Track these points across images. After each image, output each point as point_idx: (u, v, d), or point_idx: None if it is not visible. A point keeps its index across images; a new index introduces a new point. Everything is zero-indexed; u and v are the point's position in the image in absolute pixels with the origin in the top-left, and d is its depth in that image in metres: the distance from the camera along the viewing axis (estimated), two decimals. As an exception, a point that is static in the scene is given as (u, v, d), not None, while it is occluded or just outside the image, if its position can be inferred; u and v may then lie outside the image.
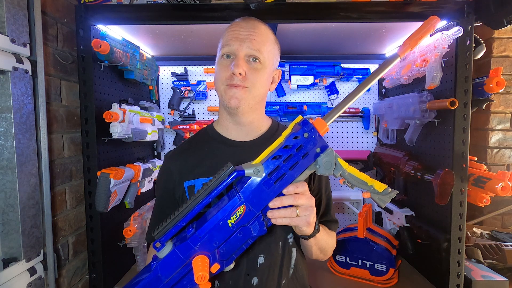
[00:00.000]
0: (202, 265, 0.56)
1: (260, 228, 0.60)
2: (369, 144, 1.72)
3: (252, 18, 0.78)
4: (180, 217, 0.58)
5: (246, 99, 0.73)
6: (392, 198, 0.60)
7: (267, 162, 0.59)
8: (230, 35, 0.74)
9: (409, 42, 0.65)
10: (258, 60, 0.73)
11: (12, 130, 0.87)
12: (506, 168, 1.43)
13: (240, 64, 0.71)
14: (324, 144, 0.60)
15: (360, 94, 0.63)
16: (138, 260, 1.30)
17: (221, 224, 0.58)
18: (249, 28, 0.74)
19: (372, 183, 0.60)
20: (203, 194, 0.57)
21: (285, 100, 1.70)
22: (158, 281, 0.59)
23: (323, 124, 0.61)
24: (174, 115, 1.69)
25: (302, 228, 0.65)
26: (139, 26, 1.14)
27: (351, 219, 1.75)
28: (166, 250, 0.59)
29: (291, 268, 0.77)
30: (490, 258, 1.25)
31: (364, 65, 1.65)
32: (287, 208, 0.60)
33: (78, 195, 1.18)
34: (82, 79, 1.04)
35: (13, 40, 0.86)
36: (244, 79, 0.72)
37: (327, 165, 0.59)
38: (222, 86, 0.74)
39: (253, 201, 0.58)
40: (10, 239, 0.89)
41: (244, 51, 0.72)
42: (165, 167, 0.82)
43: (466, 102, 1.02)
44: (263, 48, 0.74)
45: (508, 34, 1.46)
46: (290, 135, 0.60)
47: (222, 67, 0.75)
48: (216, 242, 0.59)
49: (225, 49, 0.74)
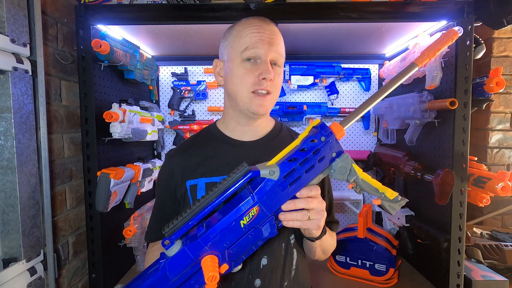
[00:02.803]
0: (212, 266, 0.54)
1: (272, 230, 0.59)
2: (369, 144, 1.72)
3: (266, 18, 0.77)
4: (191, 215, 0.56)
5: (271, 104, 0.75)
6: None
7: (283, 164, 0.58)
8: (255, 37, 0.71)
9: (428, 53, 0.64)
10: (277, 64, 0.74)
11: (12, 130, 0.87)
12: (506, 168, 1.43)
13: (271, 69, 0.71)
14: (340, 149, 0.60)
15: (376, 101, 0.62)
16: (138, 260, 1.30)
17: (233, 224, 0.57)
18: (272, 32, 0.73)
19: (384, 190, 0.59)
20: (216, 193, 0.56)
21: (285, 100, 1.70)
22: (165, 280, 0.58)
23: (340, 128, 0.60)
24: (174, 115, 1.69)
25: (312, 231, 0.65)
26: (139, 26, 1.14)
27: (351, 219, 1.75)
28: (176, 248, 0.57)
29: (293, 270, 0.77)
30: (490, 258, 1.25)
31: (364, 65, 1.65)
32: (299, 211, 0.60)
33: (78, 195, 1.18)
34: (82, 79, 1.04)
35: (13, 40, 0.86)
36: (271, 84, 0.72)
37: (342, 170, 0.59)
38: (247, 92, 0.72)
39: (266, 202, 0.58)
40: (10, 239, 0.89)
41: (271, 56, 0.71)
42: (167, 166, 0.81)
43: (466, 102, 1.02)
44: (282, 52, 0.75)
45: (508, 34, 1.46)
46: (307, 138, 0.59)
47: (246, 71, 0.72)
48: (227, 242, 0.58)
49: (251, 52, 0.71)
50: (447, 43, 0.66)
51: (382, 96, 0.63)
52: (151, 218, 0.84)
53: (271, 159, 0.60)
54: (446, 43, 0.66)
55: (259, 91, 0.71)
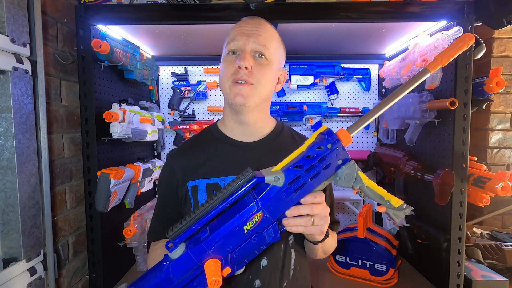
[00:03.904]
0: (215, 270, 0.55)
1: (275, 236, 0.59)
2: (369, 144, 1.72)
3: (258, 16, 0.78)
4: (195, 219, 0.57)
5: (251, 96, 0.72)
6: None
7: (288, 171, 0.57)
8: (236, 31, 0.74)
9: (441, 58, 0.63)
10: (264, 56, 0.73)
11: (12, 130, 0.87)
12: (506, 168, 1.43)
13: (247, 58, 0.70)
14: (347, 156, 0.59)
15: (386, 107, 0.61)
16: (138, 260, 1.30)
17: (237, 229, 0.57)
18: (255, 25, 0.74)
19: (389, 198, 0.59)
20: (221, 198, 0.56)
21: (285, 100, 1.70)
22: (169, 282, 0.58)
23: (347, 135, 0.59)
24: (174, 115, 1.69)
25: (315, 237, 0.65)
26: (139, 26, 1.14)
27: (351, 219, 1.75)
28: (179, 251, 0.58)
29: (291, 270, 0.77)
30: (490, 258, 1.25)
31: (364, 65, 1.65)
32: (302, 217, 0.60)
33: (78, 195, 1.18)
34: (82, 79, 1.04)
35: (13, 40, 0.86)
36: (250, 74, 0.71)
37: (347, 178, 0.58)
38: (228, 83, 0.73)
39: (270, 208, 0.58)
40: (10, 239, 0.89)
41: (250, 46, 0.72)
42: (168, 166, 0.81)
43: (466, 102, 1.02)
44: (269, 44, 0.73)
45: (508, 34, 1.46)
46: (313, 145, 0.58)
47: (227, 63, 0.73)
48: (230, 247, 0.58)
49: (231, 45, 0.73)
50: (461, 48, 0.63)
51: (391, 103, 0.61)
52: (153, 217, 0.84)
53: (274, 163, 0.60)
54: (460, 49, 0.63)
55: (238, 81, 0.72)
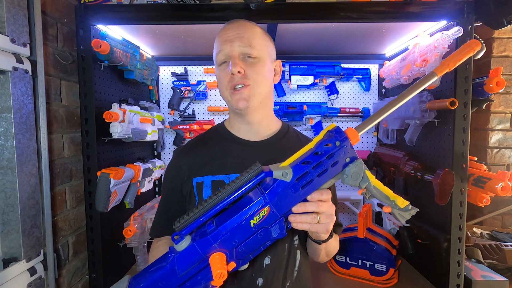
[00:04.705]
0: (220, 263, 0.55)
1: (281, 231, 0.60)
2: (369, 144, 1.72)
3: (237, 19, 0.80)
4: (202, 212, 0.57)
5: (252, 96, 0.74)
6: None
7: (296, 167, 0.58)
8: (220, 41, 0.76)
9: (448, 63, 0.64)
10: (251, 56, 0.75)
11: (12, 130, 0.87)
12: (506, 168, 1.43)
13: (236, 63, 0.72)
14: (354, 154, 0.59)
15: (393, 109, 0.61)
16: (138, 260, 1.30)
17: (243, 223, 0.57)
18: (235, 28, 0.76)
19: (395, 198, 0.59)
20: (228, 191, 0.57)
21: (285, 100, 1.70)
22: (173, 274, 0.58)
23: (355, 134, 0.60)
24: (174, 115, 1.69)
25: (320, 235, 0.65)
26: (139, 26, 1.14)
27: (351, 219, 1.75)
28: (185, 243, 0.58)
29: (295, 271, 0.77)
30: (490, 258, 1.25)
31: (364, 65, 1.65)
32: (308, 214, 0.60)
33: (78, 195, 1.18)
34: (82, 79, 1.04)
35: (13, 40, 0.86)
36: (244, 76, 0.73)
37: (354, 176, 0.59)
38: (227, 91, 0.76)
39: (277, 203, 0.58)
40: (10, 239, 0.89)
41: (237, 51, 0.74)
42: (174, 163, 0.82)
43: (466, 102, 1.02)
44: (253, 42, 0.75)
45: (508, 34, 1.46)
46: (322, 142, 0.59)
47: (221, 72, 0.76)
48: (236, 241, 0.58)
49: (219, 56, 0.76)
50: (468, 53, 0.64)
51: (399, 104, 0.61)
52: (156, 214, 0.85)
53: (280, 160, 0.60)
54: (467, 54, 0.64)
55: (235, 86, 0.74)
